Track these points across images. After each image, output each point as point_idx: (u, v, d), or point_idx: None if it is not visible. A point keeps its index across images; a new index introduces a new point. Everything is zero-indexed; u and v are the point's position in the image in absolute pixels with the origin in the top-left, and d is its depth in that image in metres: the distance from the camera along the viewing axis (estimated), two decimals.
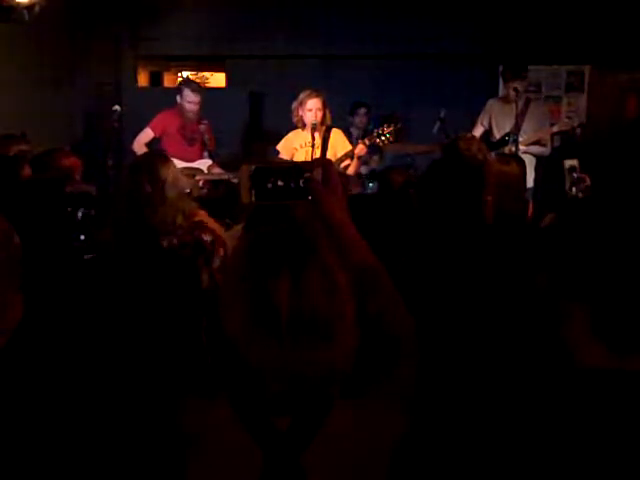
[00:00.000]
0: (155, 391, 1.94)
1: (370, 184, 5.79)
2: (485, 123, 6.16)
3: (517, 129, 5.76)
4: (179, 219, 2.90)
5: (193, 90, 5.97)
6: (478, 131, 6.09)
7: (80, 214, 2.28)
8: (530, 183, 5.66)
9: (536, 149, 5.88)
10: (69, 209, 2.27)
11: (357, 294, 1.32)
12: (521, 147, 5.71)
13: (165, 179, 2.89)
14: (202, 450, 1.29)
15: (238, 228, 3.19)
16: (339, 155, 5.28)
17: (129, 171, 2.99)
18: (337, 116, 5.66)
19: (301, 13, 7.84)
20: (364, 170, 6.28)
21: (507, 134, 5.79)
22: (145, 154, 3.67)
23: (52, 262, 2.27)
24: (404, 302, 1.45)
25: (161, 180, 2.88)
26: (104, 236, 2.49)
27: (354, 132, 6.71)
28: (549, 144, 5.95)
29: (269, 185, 1.37)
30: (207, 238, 2.95)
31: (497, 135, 5.99)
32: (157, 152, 3.32)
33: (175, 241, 2.85)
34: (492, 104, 6.20)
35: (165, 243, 2.83)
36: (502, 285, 2.28)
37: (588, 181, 3.73)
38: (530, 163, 5.73)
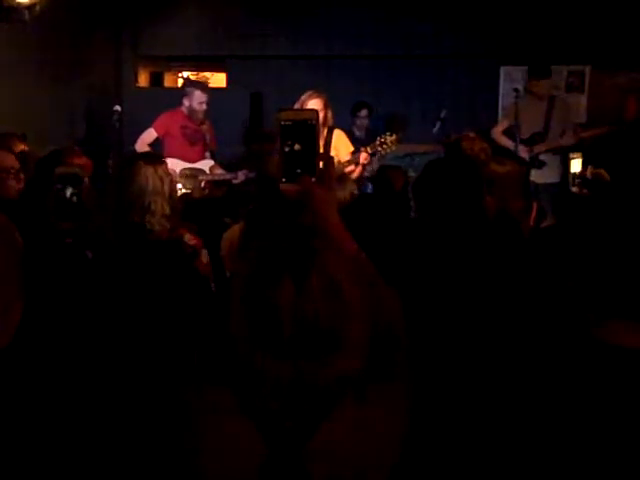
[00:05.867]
0: (157, 379, 1.94)
1: (369, 184, 5.79)
2: (506, 123, 6.28)
3: (546, 130, 6.05)
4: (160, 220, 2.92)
5: (203, 90, 6.00)
6: (503, 126, 6.25)
7: (69, 193, 2.28)
8: (556, 178, 5.94)
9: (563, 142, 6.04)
10: (58, 186, 2.28)
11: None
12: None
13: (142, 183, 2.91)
14: (205, 438, 1.29)
15: (237, 228, 3.20)
16: (341, 157, 5.28)
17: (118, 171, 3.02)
18: (337, 116, 5.66)
19: (301, 13, 7.84)
20: (367, 173, 6.27)
21: (537, 134, 5.91)
22: (130, 157, 3.66)
23: (45, 255, 2.28)
24: (405, 302, 1.44)
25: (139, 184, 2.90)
26: (91, 221, 2.50)
27: (356, 132, 6.70)
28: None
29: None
30: (190, 241, 2.95)
31: (525, 132, 6.07)
32: (144, 154, 3.31)
33: (156, 236, 2.86)
34: (519, 101, 6.21)
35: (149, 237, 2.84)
36: (502, 283, 2.29)
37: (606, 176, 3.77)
38: (555, 159, 5.97)
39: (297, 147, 1.39)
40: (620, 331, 1.29)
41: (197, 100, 5.97)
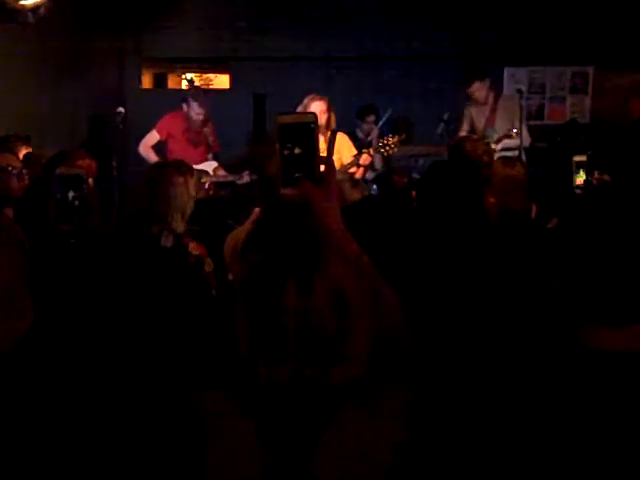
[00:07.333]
0: (161, 385, 1.94)
1: (374, 186, 5.80)
2: (466, 127, 6.22)
3: (491, 129, 5.90)
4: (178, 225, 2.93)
5: (200, 104, 5.99)
6: (463, 132, 6.16)
7: (71, 196, 2.28)
8: None
9: (510, 143, 5.79)
10: (60, 189, 2.27)
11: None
12: (497, 147, 5.63)
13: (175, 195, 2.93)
14: (208, 441, 1.29)
15: (241, 229, 3.20)
16: (344, 160, 5.27)
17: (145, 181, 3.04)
18: (340, 117, 5.66)
19: (305, 15, 7.84)
20: (370, 175, 6.27)
21: (482, 137, 5.84)
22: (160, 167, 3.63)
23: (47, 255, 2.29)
24: (403, 301, 1.44)
25: (170, 196, 2.92)
26: (93, 222, 2.50)
27: (360, 135, 6.69)
28: (524, 134, 5.86)
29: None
30: (194, 251, 2.95)
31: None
32: (180, 164, 3.31)
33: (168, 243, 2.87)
34: (469, 108, 6.23)
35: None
36: (505, 282, 2.29)
37: (607, 177, 3.74)
38: None
39: (297, 151, 1.38)
40: (598, 335, 1.29)
41: (194, 110, 5.99)
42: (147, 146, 6.04)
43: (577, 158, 3.68)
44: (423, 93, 7.70)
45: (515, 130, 5.65)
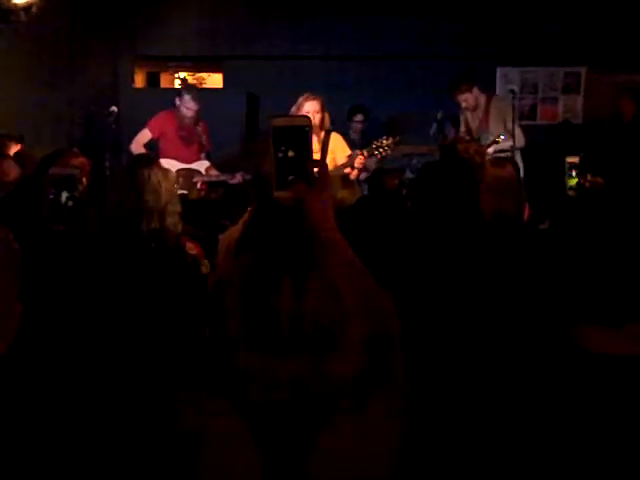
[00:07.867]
0: (152, 386, 1.94)
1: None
2: (463, 130, 6.24)
3: (485, 132, 5.91)
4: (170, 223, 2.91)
5: (193, 98, 5.98)
6: None
7: (64, 197, 2.26)
8: None
9: (504, 145, 5.73)
10: (53, 191, 2.26)
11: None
12: (490, 150, 5.60)
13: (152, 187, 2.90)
14: (203, 442, 1.29)
15: (234, 228, 3.20)
16: (338, 160, 5.25)
17: (121, 174, 3.01)
18: (336, 117, 5.65)
19: (300, 14, 7.83)
20: (363, 177, 6.26)
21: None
22: (134, 160, 3.62)
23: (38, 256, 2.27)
24: (399, 302, 1.44)
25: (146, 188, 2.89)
26: (89, 223, 2.49)
27: (353, 136, 6.69)
28: (519, 135, 5.86)
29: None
30: (191, 251, 2.93)
31: None
32: (146, 157, 3.29)
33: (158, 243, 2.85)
34: (464, 113, 6.24)
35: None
36: (499, 284, 2.29)
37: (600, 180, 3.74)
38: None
39: (291, 154, 1.37)
40: (597, 336, 1.29)
41: (184, 104, 5.97)
42: (139, 144, 6.03)
43: (570, 159, 3.69)
44: (418, 93, 7.69)
45: (503, 137, 5.66)
